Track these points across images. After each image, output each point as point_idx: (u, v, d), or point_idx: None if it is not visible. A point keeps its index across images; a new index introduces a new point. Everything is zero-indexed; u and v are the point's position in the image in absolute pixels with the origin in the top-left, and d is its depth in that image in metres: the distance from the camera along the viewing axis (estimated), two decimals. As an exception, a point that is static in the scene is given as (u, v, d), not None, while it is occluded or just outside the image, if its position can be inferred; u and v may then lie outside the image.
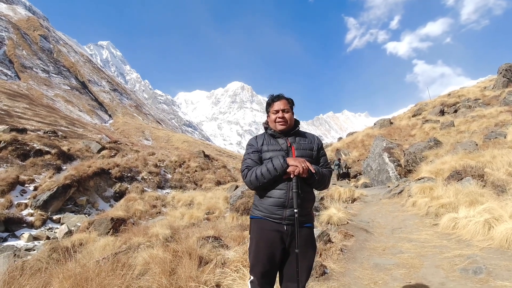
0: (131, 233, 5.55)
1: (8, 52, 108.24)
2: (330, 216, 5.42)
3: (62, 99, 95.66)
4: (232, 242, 4.19)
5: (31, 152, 12.30)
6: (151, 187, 13.12)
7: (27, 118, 43.95)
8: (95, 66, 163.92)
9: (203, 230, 5.24)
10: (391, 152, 12.54)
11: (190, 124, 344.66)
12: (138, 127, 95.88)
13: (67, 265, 2.50)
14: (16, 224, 7.73)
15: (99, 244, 5.19)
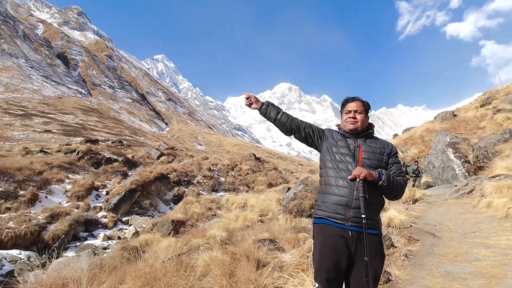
0: (190, 235, 5.84)
1: (81, 72, 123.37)
2: (390, 219, 5.09)
3: (126, 111, 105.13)
4: (287, 245, 4.16)
5: (102, 160, 13.73)
6: (206, 190, 13.68)
7: (98, 130, 49.15)
8: (152, 79, 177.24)
9: (258, 232, 5.30)
10: (456, 147, 11.38)
11: (240, 127, 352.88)
12: (191, 133, 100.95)
13: (137, 264, 2.72)
14: (93, 225, 8.66)
15: (162, 244, 5.55)
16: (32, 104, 61.01)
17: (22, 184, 9.11)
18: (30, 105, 58.51)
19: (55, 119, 50.34)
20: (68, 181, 10.77)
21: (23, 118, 45.35)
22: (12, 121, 41.33)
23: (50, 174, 10.48)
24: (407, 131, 22.65)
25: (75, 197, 9.85)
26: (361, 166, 1.72)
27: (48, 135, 36.07)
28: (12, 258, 6.32)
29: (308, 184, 9.27)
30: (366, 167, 1.71)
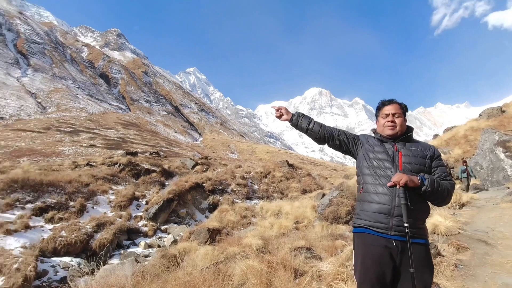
0: (226, 243, 5.90)
1: (121, 89, 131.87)
2: (435, 225, 4.77)
3: (161, 123, 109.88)
4: (324, 253, 4.05)
5: (141, 171, 14.43)
6: (240, 198, 13.79)
7: (137, 143, 51.78)
8: (185, 91, 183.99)
9: (294, 240, 5.23)
10: (507, 146, 10.44)
11: (271, 134, 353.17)
12: (224, 142, 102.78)
13: (177, 272, 2.80)
14: (135, 234, 9.07)
15: (200, 252, 5.66)
16: (79, 121, 65.93)
17: (72, 196, 9.81)
18: (78, 122, 63.27)
19: (99, 134, 53.91)
20: (112, 192, 11.42)
21: (71, 134, 49.11)
22: (62, 138, 44.92)
23: (95, 186, 11.20)
24: (448, 131, 21.23)
25: (118, 207, 10.41)
26: (402, 172, 1.62)
27: (93, 149, 38.66)
28: (64, 265, 6.80)
29: (343, 190, 9.01)
30: (407, 172, 1.61)
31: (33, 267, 6.01)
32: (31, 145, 37.95)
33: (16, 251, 6.54)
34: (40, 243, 7.15)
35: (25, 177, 9.65)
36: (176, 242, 8.08)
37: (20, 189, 9.06)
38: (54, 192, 9.63)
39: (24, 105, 74.33)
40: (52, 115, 71.76)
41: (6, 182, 8.99)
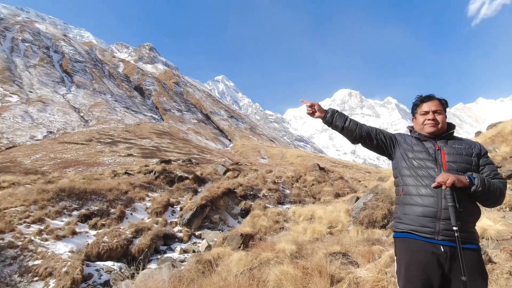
0: (259, 248, 5.89)
1: (154, 100, 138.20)
2: (483, 229, 4.40)
3: (193, 131, 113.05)
4: (360, 259, 3.91)
5: (175, 178, 14.90)
6: (272, 203, 13.74)
7: (170, 151, 53.63)
8: (214, 99, 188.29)
9: (328, 245, 5.10)
10: None
11: (301, 138, 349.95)
12: (254, 148, 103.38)
13: (212, 277, 2.84)
14: (170, 239, 9.36)
15: (233, 258, 5.70)
16: (117, 132, 69.72)
17: (112, 203, 10.35)
18: (116, 134, 66.95)
19: (135, 144, 56.60)
20: (148, 199, 11.90)
21: (111, 145, 52.03)
22: (103, 149, 47.74)
23: (133, 193, 11.73)
24: (493, 127, 19.60)
25: (154, 213, 10.81)
26: (447, 171, 1.51)
27: (130, 159, 40.63)
28: (107, 268, 7.16)
29: (378, 193, 8.65)
30: (452, 172, 1.49)
31: (79, 270, 6.39)
32: (75, 156, 40.72)
33: (65, 255, 7.01)
34: (85, 248, 7.59)
35: (71, 186, 10.36)
36: (210, 248, 8.20)
37: (67, 197, 9.72)
38: (96, 199, 10.23)
39: (69, 120, 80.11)
40: (93, 127, 76.66)
41: (55, 191, 9.70)
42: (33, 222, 8.10)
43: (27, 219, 8.12)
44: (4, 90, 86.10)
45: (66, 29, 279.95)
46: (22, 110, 74.68)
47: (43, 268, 6.40)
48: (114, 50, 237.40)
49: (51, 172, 26.19)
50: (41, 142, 54.05)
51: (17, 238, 7.16)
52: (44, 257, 6.78)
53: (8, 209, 8.34)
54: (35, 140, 57.54)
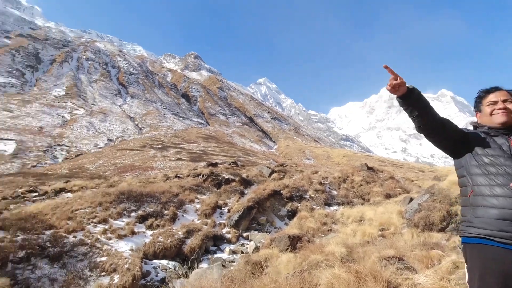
0: (308, 251, 5.80)
1: (200, 106, 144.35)
2: None
3: (237, 134, 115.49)
4: (417, 264, 3.65)
5: (222, 181, 15.36)
6: (319, 204, 13.46)
7: (216, 154, 55.38)
8: (257, 102, 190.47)
9: (381, 248, 4.85)
10: None
11: (347, 138, 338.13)
12: (298, 148, 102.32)
13: (262, 278, 2.87)
14: (219, 240, 9.65)
15: (282, 260, 5.69)
16: (167, 138, 73.95)
17: (165, 205, 10.99)
18: (166, 139, 71.05)
19: (184, 148, 59.49)
20: (197, 201, 12.42)
21: (162, 150, 55.34)
22: (155, 154, 50.97)
23: (184, 196, 12.34)
24: None
25: (204, 215, 11.24)
26: None
27: (179, 163, 42.80)
28: (163, 267, 7.61)
29: (435, 193, 8.01)
30: None
31: (139, 267, 6.88)
32: (132, 162, 44.05)
33: (126, 253, 7.61)
34: (143, 247, 8.16)
35: (129, 190, 11.23)
36: (258, 249, 8.29)
37: (126, 200, 10.56)
38: (151, 202, 10.95)
39: (125, 128, 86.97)
40: (146, 134, 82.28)
41: (116, 194, 10.60)
42: (99, 222, 8.93)
43: (94, 219, 8.98)
44: (73, 104, 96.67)
45: (121, 45, 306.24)
46: (87, 121, 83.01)
47: (109, 264, 7.02)
48: (163, 61, 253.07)
49: (112, 177, 28.69)
50: (103, 150, 59.48)
51: (86, 236, 7.96)
52: (109, 254, 7.44)
53: (79, 210, 9.31)
54: (98, 148, 63.54)
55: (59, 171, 37.47)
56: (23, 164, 45.04)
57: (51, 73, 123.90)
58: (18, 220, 7.82)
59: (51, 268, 6.67)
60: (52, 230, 7.86)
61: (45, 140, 60.75)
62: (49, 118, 79.37)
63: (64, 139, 64.98)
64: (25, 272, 6.35)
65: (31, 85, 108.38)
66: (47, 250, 7.03)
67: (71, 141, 64.47)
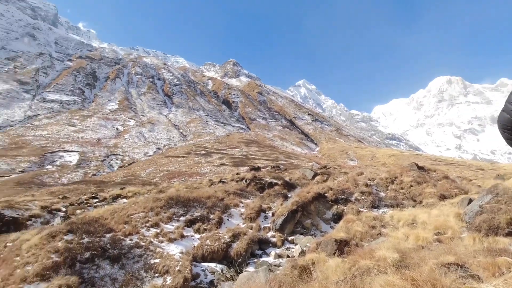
0: (356, 255, 5.59)
1: (240, 111, 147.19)
2: None
3: (278, 137, 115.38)
4: (482, 272, 3.33)
5: (265, 185, 15.45)
6: (366, 207, 12.90)
7: (258, 158, 55.83)
8: (297, 104, 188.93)
9: (438, 254, 4.50)
10: None
11: (393, 136, 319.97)
12: (341, 150, 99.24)
13: (311, 284, 2.83)
14: (265, 244, 9.69)
15: (329, 264, 5.55)
16: (210, 144, 76.36)
17: (211, 209, 11.34)
18: (209, 145, 73.40)
19: (226, 154, 60.92)
20: (242, 205, 12.62)
21: (206, 156, 57.27)
22: (199, 160, 52.90)
23: (228, 200, 12.63)
24: None
25: (248, 219, 11.39)
26: None
27: (223, 168, 43.90)
28: (211, 269, 7.85)
29: (499, 194, 7.23)
30: None
31: (189, 270, 7.18)
32: (178, 168, 46.20)
33: (176, 255, 7.98)
34: (192, 250, 8.50)
35: (177, 195, 11.80)
36: (304, 253, 8.17)
37: (175, 204, 11.10)
38: (198, 206, 11.38)
39: (171, 136, 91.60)
40: (190, 141, 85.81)
41: (165, 200, 11.20)
42: (151, 226, 9.50)
43: (147, 223, 9.58)
44: (125, 116, 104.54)
45: (165, 58, 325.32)
46: (137, 132, 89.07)
47: (161, 266, 7.43)
48: (203, 70, 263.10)
49: (161, 183, 30.37)
50: (152, 157, 63.27)
51: (141, 239, 8.52)
52: (161, 256, 7.88)
53: (133, 215, 9.99)
54: (147, 156, 67.77)
55: (115, 178, 40.64)
56: (85, 173, 49.64)
57: (106, 89, 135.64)
58: (83, 224, 8.63)
59: (112, 268, 7.24)
60: (111, 233, 8.54)
61: (102, 150, 66.37)
62: (105, 130, 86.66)
63: (119, 149, 70.38)
64: (91, 271, 6.98)
65: (90, 101, 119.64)
66: (108, 252, 7.65)
67: (124, 151, 69.59)
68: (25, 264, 6.82)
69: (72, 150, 61.99)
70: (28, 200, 13.86)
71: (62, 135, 74.83)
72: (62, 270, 6.70)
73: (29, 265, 6.76)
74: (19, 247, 7.62)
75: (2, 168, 47.79)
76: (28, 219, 11.38)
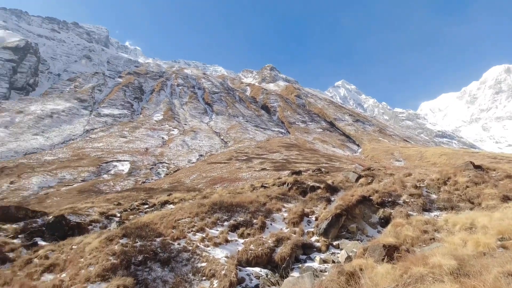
0: (408, 262, 5.29)
1: (279, 115, 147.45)
2: None
3: (318, 140, 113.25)
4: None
5: (307, 188, 15.25)
6: (416, 210, 12.12)
7: (299, 162, 55.30)
8: (337, 105, 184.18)
9: (503, 262, 4.10)
10: None
11: (443, 134, 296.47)
12: (386, 150, 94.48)
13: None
14: (309, 249, 9.55)
15: (378, 271, 5.31)
16: (250, 149, 77.31)
17: (254, 214, 11.48)
18: (250, 151, 74.34)
19: (267, 158, 61.18)
20: (284, 210, 12.59)
21: (247, 161, 58.07)
22: (241, 165, 53.79)
23: (270, 205, 12.67)
24: None
25: (291, 223, 11.32)
26: None
27: (264, 172, 44.13)
28: (256, 274, 7.93)
29: None
30: None
31: (235, 274, 7.34)
32: (220, 174, 47.41)
33: (222, 260, 8.21)
34: (237, 254, 8.67)
35: (221, 200, 12.13)
36: (350, 259, 7.92)
37: (219, 210, 11.43)
38: (241, 211, 11.59)
39: (213, 143, 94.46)
40: (231, 147, 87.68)
41: (209, 205, 11.59)
42: (197, 231, 9.88)
43: (193, 228, 9.99)
44: (169, 126, 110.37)
45: (205, 68, 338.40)
46: (181, 140, 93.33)
47: (208, 269, 7.69)
48: (241, 76, 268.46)
49: (205, 189, 31.41)
50: (195, 164, 65.74)
51: (188, 243, 8.90)
52: (207, 260, 8.15)
53: (180, 220, 10.48)
54: (191, 163, 70.58)
55: (162, 185, 42.92)
56: (136, 181, 53.13)
57: (151, 101, 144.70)
58: (136, 229, 9.26)
59: (162, 271, 7.66)
60: (161, 238, 9.05)
61: (150, 159, 70.57)
62: (152, 139, 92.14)
63: (164, 157, 74.30)
64: (144, 273, 7.45)
65: (138, 114, 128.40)
66: (158, 255, 8.12)
67: (169, 159, 73.27)
68: (88, 265, 7.50)
69: (124, 160, 66.81)
70: (88, 207, 15.20)
71: (115, 146, 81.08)
72: (119, 271, 7.24)
73: (91, 266, 7.41)
74: (82, 250, 8.40)
75: (67, 178, 53.05)
76: (89, 224, 12.48)
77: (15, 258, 8.89)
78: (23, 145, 78.51)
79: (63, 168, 57.50)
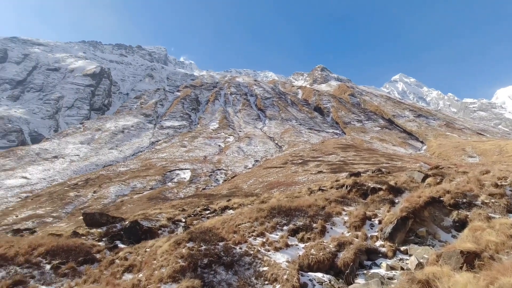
0: (494, 271, 4.74)
1: (333, 116, 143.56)
2: None
3: (376, 139, 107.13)
4: None
5: (368, 190, 14.53)
6: (498, 212, 10.71)
7: (357, 163, 52.96)
8: (395, 101, 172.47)
9: None
10: None
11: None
12: (455, 146, 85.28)
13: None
14: (373, 254, 9.08)
15: (456, 280, 4.86)
16: (305, 152, 76.35)
17: (313, 218, 11.32)
18: (305, 154, 73.44)
19: (323, 161, 59.75)
20: (344, 213, 12.17)
21: (302, 165, 57.45)
22: (296, 169, 53.42)
23: (330, 208, 12.37)
24: None
25: (353, 227, 10.88)
26: None
27: (320, 175, 43.17)
28: (318, 279, 7.80)
29: None
30: None
31: (296, 279, 7.33)
32: (277, 178, 47.63)
33: (283, 264, 8.26)
34: (298, 259, 8.64)
35: (279, 205, 12.23)
36: (421, 266, 7.34)
37: (277, 214, 11.53)
38: (300, 215, 11.53)
39: (267, 148, 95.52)
40: (286, 151, 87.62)
41: (268, 210, 11.76)
42: (257, 235, 10.10)
43: (253, 233, 10.24)
44: (225, 134, 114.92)
45: (255, 75, 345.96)
46: (236, 147, 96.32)
47: (270, 274, 7.81)
48: (292, 80, 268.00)
49: (262, 193, 31.87)
50: (252, 170, 67.10)
51: (249, 248, 9.15)
52: (269, 264, 8.28)
53: (241, 225, 10.84)
54: (247, 168, 72.26)
55: (221, 191, 44.70)
56: (197, 188, 56.26)
57: (207, 111, 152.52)
58: (200, 233, 9.83)
59: (226, 274, 8.00)
60: (223, 242, 9.46)
61: (209, 166, 74.11)
62: (210, 148, 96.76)
63: (222, 164, 77.35)
64: (209, 276, 7.87)
65: (195, 124, 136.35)
66: (222, 259, 8.50)
67: (227, 165, 76.03)
68: (160, 266, 8.19)
69: (185, 168, 71.27)
70: (157, 213, 16.58)
71: (176, 155, 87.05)
72: (188, 273, 7.76)
73: (163, 268, 8.08)
74: (155, 252, 9.20)
75: (138, 186, 58.53)
76: (159, 229, 13.61)
77: (101, 259, 10.13)
78: (102, 159, 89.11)
79: (134, 177, 63.59)
